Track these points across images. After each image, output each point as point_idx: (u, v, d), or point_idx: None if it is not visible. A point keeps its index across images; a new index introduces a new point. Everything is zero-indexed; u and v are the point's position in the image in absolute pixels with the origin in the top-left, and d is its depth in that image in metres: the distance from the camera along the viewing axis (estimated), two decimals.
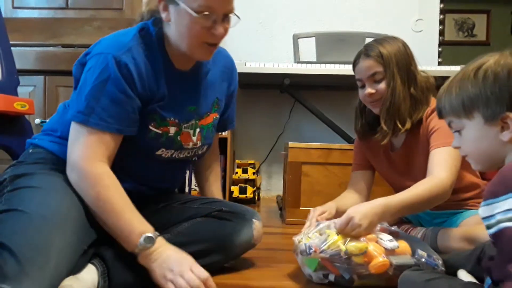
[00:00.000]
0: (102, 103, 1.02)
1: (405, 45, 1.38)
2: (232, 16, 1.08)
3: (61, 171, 1.05)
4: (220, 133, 1.43)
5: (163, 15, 1.08)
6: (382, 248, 1.05)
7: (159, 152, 1.15)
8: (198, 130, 1.22)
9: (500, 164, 0.82)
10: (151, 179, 1.21)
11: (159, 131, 1.13)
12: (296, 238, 1.16)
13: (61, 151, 1.09)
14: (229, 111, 1.37)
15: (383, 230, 1.14)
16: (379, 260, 1.03)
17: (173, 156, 1.19)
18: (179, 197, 1.31)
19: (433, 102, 1.34)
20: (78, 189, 1.02)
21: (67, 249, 0.93)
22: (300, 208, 2.00)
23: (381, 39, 1.39)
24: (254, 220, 1.24)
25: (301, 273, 1.18)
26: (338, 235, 1.07)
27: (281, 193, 2.64)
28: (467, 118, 0.84)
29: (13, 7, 2.63)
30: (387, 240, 1.08)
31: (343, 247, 1.04)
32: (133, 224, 1.01)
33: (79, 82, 1.07)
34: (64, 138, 1.08)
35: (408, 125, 1.34)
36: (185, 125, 1.18)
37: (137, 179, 1.17)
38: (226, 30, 1.09)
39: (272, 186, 2.91)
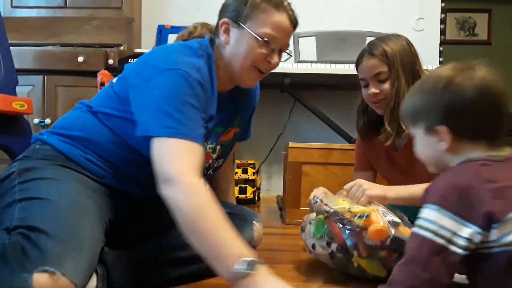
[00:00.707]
0: (186, 114, 0.96)
1: (409, 43, 1.36)
2: (284, 52, 1.13)
3: (68, 168, 1.04)
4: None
5: (222, 37, 1.10)
6: (384, 220, 1.08)
7: None
8: (218, 147, 1.21)
9: (447, 169, 0.85)
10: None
11: None
12: (305, 217, 1.24)
13: (70, 151, 1.06)
14: (249, 123, 1.38)
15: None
16: (379, 224, 1.05)
17: None
18: None
19: None
20: (176, 203, 0.90)
21: (95, 235, 0.93)
22: (300, 208, 1.99)
23: (385, 37, 1.37)
24: (254, 222, 1.23)
25: (301, 273, 1.18)
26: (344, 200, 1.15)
27: (281, 193, 2.63)
28: (415, 126, 0.88)
29: (12, 6, 2.64)
30: (392, 215, 1.11)
31: (347, 206, 1.10)
32: (233, 245, 0.87)
33: (138, 97, 1.01)
34: (76, 138, 1.07)
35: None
36: (210, 145, 1.16)
37: (151, 190, 1.12)
38: (277, 63, 1.12)
39: (272, 186, 2.90)
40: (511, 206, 0.73)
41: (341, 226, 1.09)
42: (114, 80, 1.17)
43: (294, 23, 1.11)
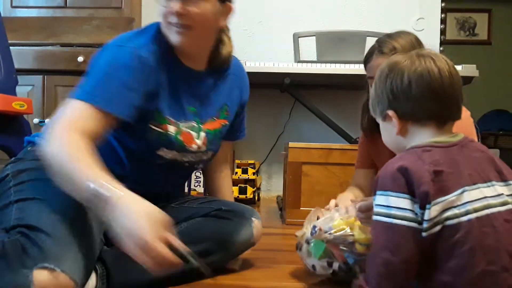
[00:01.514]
0: (108, 86, 1.00)
1: (418, 40, 1.34)
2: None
3: None
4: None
5: None
6: None
7: (160, 152, 1.14)
8: (203, 134, 1.20)
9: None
10: (154, 184, 1.19)
11: (159, 130, 1.12)
12: (298, 232, 1.17)
13: None
14: (239, 121, 1.36)
15: None
16: None
17: (176, 158, 1.17)
18: (178, 197, 1.30)
19: None
20: (45, 154, 0.92)
21: (93, 233, 0.95)
22: (300, 208, 1.99)
23: (394, 34, 1.35)
24: (253, 218, 1.23)
25: (301, 274, 1.18)
26: (342, 219, 1.07)
27: (281, 193, 2.63)
28: (375, 115, 0.94)
29: (12, 6, 2.63)
30: None
31: (347, 229, 1.04)
32: (89, 170, 0.87)
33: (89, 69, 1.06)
34: None
35: None
36: (184, 125, 1.16)
37: (141, 184, 1.13)
38: (182, 9, 1.05)
39: (272, 186, 2.90)
40: (442, 191, 0.76)
41: (343, 247, 1.05)
42: None
43: None
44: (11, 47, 1.78)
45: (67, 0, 2.61)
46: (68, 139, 0.92)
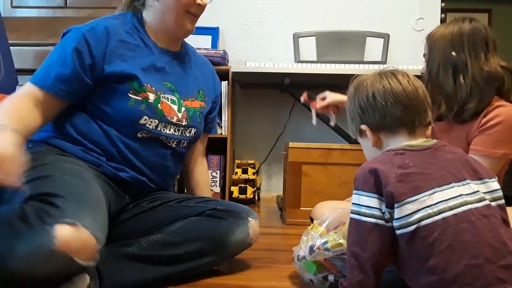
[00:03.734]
0: (49, 67, 1.13)
1: (469, 33, 1.33)
2: None
3: (67, 157, 1.12)
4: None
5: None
6: None
7: (142, 121, 1.18)
8: (183, 108, 1.27)
9: None
10: (142, 163, 1.22)
11: (139, 98, 1.17)
12: (295, 248, 1.15)
13: (57, 142, 1.15)
14: (213, 115, 1.45)
15: None
16: None
17: (159, 129, 1.21)
18: (175, 196, 1.30)
19: (495, 100, 1.29)
20: None
21: (103, 202, 1.00)
22: (300, 208, 1.99)
23: (449, 21, 1.39)
24: (250, 218, 1.21)
25: None
26: (335, 232, 1.06)
27: (281, 193, 2.63)
28: (354, 134, 1.01)
29: (12, 7, 2.63)
30: None
31: (342, 242, 1.03)
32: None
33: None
34: (59, 132, 1.16)
35: (443, 110, 1.33)
36: (163, 95, 1.23)
37: (129, 165, 1.20)
38: (206, 3, 1.26)
39: (272, 186, 2.90)
40: (412, 191, 0.81)
41: (338, 263, 1.05)
42: None
43: None
44: (11, 47, 1.78)
45: (67, 0, 2.61)
46: (16, 97, 1.08)
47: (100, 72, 1.14)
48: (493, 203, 0.83)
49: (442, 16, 2.83)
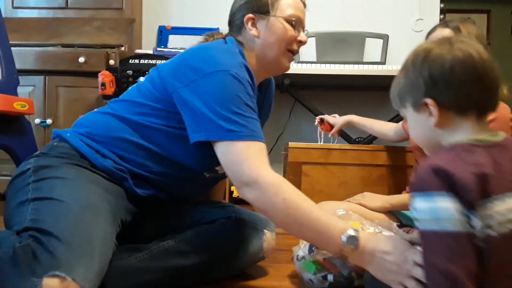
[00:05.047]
0: (244, 115, 0.99)
1: (483, 36, 1.36)
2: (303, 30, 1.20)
3: (83, 167, 1.04)
4: None
5: (252, 32, 1.13)
6: None
7: (205, 173, 1.13)
8: None
9: (439, 148, 0.81)
10: (182, 192, 1.17)
11: None
12: (295, 247, 1.15)
13: (85, 149, 1.07)
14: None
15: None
16: None
17: (212, 175, 1.16)
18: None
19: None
20: (263, 204, 0.94)
21: (107, 238, 0.93)
22: None
23: (464, 18, 1.39)
24: (265, 230, 1.16)
25: None
26: None
27: None
28: (404, 107, 0.84)
29: (13, 7, 2.64)
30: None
31: None
32: (331, 225, 0.91)
33: (191, 103, 1.01)
34: (94, 137, 1.08)
35: None
36: None
37: (166, 190, 1.13)
38: (307, 40, 1.20)
39: None
40: (485, 196, 0.69)
41: (336, 263, 1.05)
42: (142, 79, 1.17)
43: (303, 1, 1.20)
44: (12, 48, 1.78)
45: (68, 1, 2.62)
46: (280, 185, 0.94)
47: None
48: None
49: (441, 17, 2.84)
